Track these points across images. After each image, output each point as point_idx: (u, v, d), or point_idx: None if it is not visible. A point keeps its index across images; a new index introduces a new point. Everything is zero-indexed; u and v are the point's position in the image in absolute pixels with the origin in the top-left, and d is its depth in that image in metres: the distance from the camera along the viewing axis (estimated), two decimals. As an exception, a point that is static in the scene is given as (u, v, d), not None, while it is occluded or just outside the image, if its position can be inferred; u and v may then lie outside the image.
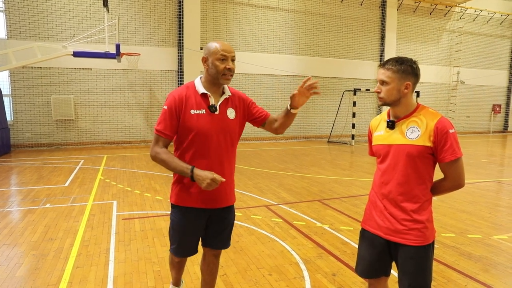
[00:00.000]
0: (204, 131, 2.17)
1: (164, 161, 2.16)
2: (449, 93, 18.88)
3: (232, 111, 2.27)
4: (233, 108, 2.29)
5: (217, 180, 2.01)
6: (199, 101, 2.19)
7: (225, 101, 2.26)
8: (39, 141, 11.86)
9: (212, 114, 2.19)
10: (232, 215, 2.46)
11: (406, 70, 1.92)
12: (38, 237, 4.18)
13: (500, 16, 19.29)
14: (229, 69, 2.16)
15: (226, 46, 2.16)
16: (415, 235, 1.92)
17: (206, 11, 13.52)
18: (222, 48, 2.15)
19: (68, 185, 6.74)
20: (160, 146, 2.19)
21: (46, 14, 11.55)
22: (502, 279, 3.29)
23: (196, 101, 2.18)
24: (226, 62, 2.15)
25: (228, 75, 2.17)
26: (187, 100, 2.18)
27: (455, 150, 1.86)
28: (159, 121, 2.20)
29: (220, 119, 2.21)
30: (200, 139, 2.17)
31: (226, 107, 2.25)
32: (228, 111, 2.25)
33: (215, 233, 2.39)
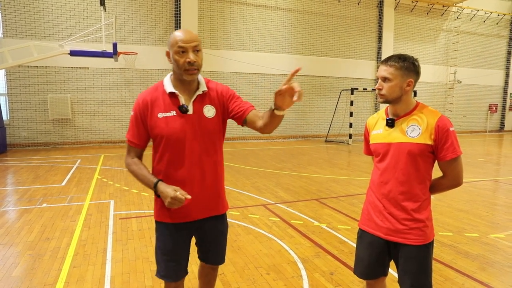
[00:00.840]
0: (175, 135, 1.89)
1: (133, 173, 1.94)
2: (446, 93, 18.94)
3: (210, 108, 1.96)
4: (211, 105, 1.97)
5: (179, 199, 1.73)
6: (167, 102, 1.90)
7: (200, 98, 1.94)
8: (35, 141, 11.80)
9: (184, 115, 1.89)
10: (224, 226, 2.17)
11: (409, 67, 1.91)
12: (34, 237, 4.16)
13: (497, 16, 19.36)
14: (190, 63, 1.81)
15: (186, 35, 1.81)
16: (416, 234, 1.91)
17: (204, 10, 13.49)
18: (180, 39, 1.80)
19: (65, 185, 6.71)
20: (132, 156, 1.98)
21: (43, 12, 11.49)
22: (499, 278, 3.29)
23: (164, 103, 1.90)
24: (186, 54, 1.81)
25: (191, 69, 1.83)
26: (153, 103, 1.91)
27: (455, 148, 1.85)
28: (128, 128, 1.99)
29: (194, 119, 1.92)
30: (172, 145, 1.90)
31: (202, 105, 1.94)
32: (205, 109, 1.95)
33: (208, 247, 2.15)
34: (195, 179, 1.95)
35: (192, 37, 1.82)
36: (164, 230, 2.02)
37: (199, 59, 1.85)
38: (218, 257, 2.20)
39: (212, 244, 2.14)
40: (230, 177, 7.53)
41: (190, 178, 1.94)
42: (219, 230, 2.14)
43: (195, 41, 1.82)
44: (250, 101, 2.15)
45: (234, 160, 9.66)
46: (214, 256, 2.19)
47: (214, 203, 2.07)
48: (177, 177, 1.93)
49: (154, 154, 1.99)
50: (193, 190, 1.93)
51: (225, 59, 13.87)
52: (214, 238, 2.14)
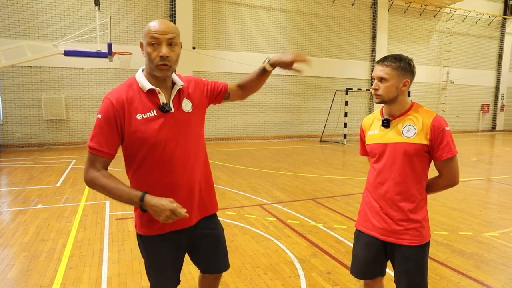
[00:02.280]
0: (160, 138, 1.67)
1: (104, 188, 1.62)
2: (439, 93, 19.10)
3: (187, 102, 1.78)
4: (188, 99, 1.79)
5: (179, 213, 1.55)
6: (145, 101, 1.67)
7: (178, 94, 1.77)
8: (29, 141, 11.70)
9: (165, 114, 1.69)
10: (218, 225, 2.00)
11: (405, 67, 1.91)
12: (29, 238, 4.13)
13: (488, 17, 19.58)
14: (162, 57, 1.61)
15: (161, 26, 1.61)
16: (412, 235, 1.91)
17: (199, 10, 13.48)
18: (154, 29, 1.61)
19: (60, 185, 6.66)
20: (98, 169, 1.65)
21: (36, 12, 11.39)
22: (493, 276, 3.34)
23: (142, 102, 1.67)
24: (159, 47, 1.61)
25: (162, 65, 1.63)
26: (130, 103, 1.65)
27: (451, 148, 1.86)
28: (92, 135, 1.66)
29: (177, 117, 1.73)
30: (156, 150, 1.67)
31: (181, 101, 1.76)
32: (183, 104, 1.76)
33: (208, 254, 1.95)
34: (187, 184, 1.77)
35: (169, 28, 1.62)
36: (154, 244, 1.80)
37: (174, 54, 1.65)
38: (221, 264, 2.01)
39: (213, 249, 1.96)
40: (226, 177, 7.53)
41: (181, 183, 1.75)
42: (216, 230, 1.98)
43: (171, 33, 1.63)
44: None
45: (230, 160, 9.66)
46: (220, 263, 2.00)
47: (207, 203, 1.92)
48: (165, 185, 1.72)
49: (130, 163, 1.74)
50: (185, 195, 1.77)
51: (220, 59, 13.87)
52: (214, 242, 1.96)
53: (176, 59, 1.68)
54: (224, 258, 2.03)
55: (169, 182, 1.73)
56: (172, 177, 1.73)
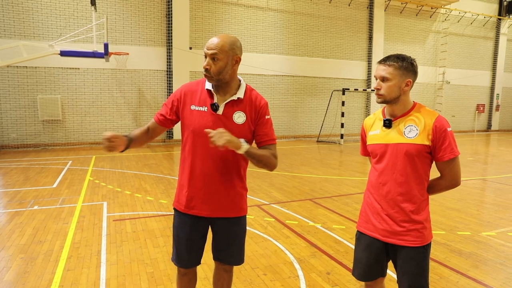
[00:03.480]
0: (201, 129, 1.96)
1: None
2: (435, 93, 19.20)
3: (241, 114, 2.01)
4: (242, 112, 2.01)
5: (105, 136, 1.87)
6: (203, 97, 2.02)
7: (232, 103, 2.01)
8: (25, 142, 11.62)
9: (213, 113, 1.98)
10: (239, 228, 2.17)
11: (408, 67, 1.89)
12: (26, 240, 4.10)
13: (483, 18, 19.70)
14: (204, 68, 1.95)
15: (212, 41, 1.94)
16: (414, 236, 1.90)
17: (195, 11, 13.45)
18: (207, 43, 1.95)
19: (56, 186, 6.62)
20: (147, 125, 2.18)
21: (32, 12, 11.32)
22: (492, 275, 3.35)
23: (200, 97, 2.03)
24: (205, 60, 1.96)
25: (205, 74, 1.96)
26: (192, 94, 2.05)
27: (453, 149, 1.85)
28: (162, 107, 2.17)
29: (222, 120, 1.98)
30: (195, 137, 2.00)
31: (234, 110, 2.00)
32: (235, 115, 2.00)
33: (221, 246, 2.17)
34: (211, 174, 2.01)
35: (214, 44, 1.92)
36: (176, 217, 2.16)
37: (214, 67, 1.92)
38: (235, 259, 2.21)
39: (227, 245, 2.16)
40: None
41: (205, 172, 2.01)
42: (234, 231, 2.15)
43: (214, 49, 1.91)
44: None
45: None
46: (230, 257, 2.20)
47: (226, 204, 2.08)
48: (194, 168, 2.03)
49: (182, 141, 2.13)
50: (205, 185, 2.03)
51: (217, 59, 13.83)
52: (229, 239, 2.16)
53: (217, 71, 1.93)
54: (235, 254, 2.20)
55: (196, 167, 2.03)
56: (198, 164, 2.02)
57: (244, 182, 2.17)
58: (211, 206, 2.06)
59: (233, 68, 1.98)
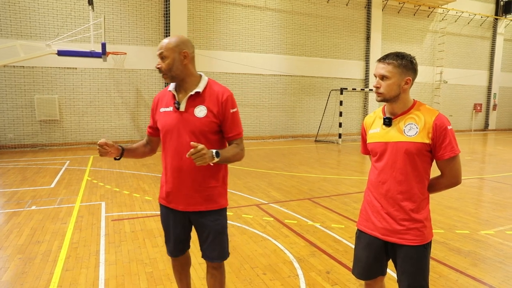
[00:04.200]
0: (168, 128, 2.12)
1: None
2: (433, 92, 19.25)
3: (202, 108, 2.07)
4: (204, 106, 2.08)
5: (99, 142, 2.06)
6: (169, 98, 2.17)
7: (192, 98, 2.10)
8: (22, 142, 11.57)
9: (177, 111, 2.10)
10: (216, 223, 2.19)
11: (407, 65, 1.88)
12: (24, 240, 4.07)
13: (480, 18, 19.77)
14: (156, 68, 2.10)
15: (160, 44, 2.08)
16: (414, 235, 1.89)
17: (193, 10, 13.43)
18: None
19: (54, 187, 6.59)
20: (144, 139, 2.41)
21: (29, 11, 11.26)
22: (491, 273, 3.36)
23: (167, 100, 2.18)
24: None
25: (161, 74, 2.11)
26: (160, 100, 2.22)
27: (453, 147, 1.84)
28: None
29: (184, 116, 2.09)
30: (166, 136, 2.15)
31: (194, 104, 2.09)
32: (196, 109, 2.08)
33: (201, 241, 2.25)
34: (180, 169, 2.11)
35: (161, 44, 2.07)
36: (161, 210, 2.33)
37: (164, 65, 2.06)
38: (212, 252, 2.22)
39: (203, 239, 2.23)
40: (222, 177, 7.50)
41: (176, 167, 2.12)
42: (208, 226, 2.18)
43: (160, 49, 2.06)
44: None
45: (225, 161, 9.62)
46: (209, 252, 2.23)
47: (198, 198, 2.15)
48: (167, 164, 2.18)
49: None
50: (176, 180, 2.14)
51: (214, 59, 13.83)
52: (205, 234, 2.21)
53: (167, 67, 2.06)
54: (217, 249, 2.22)
55: (168, 163, 2.17)
56: (169, 160, 2.15)
57: (218, 174, 2.19)
58: (184, 200, 2.16)
59: (184, 63, 2.07)
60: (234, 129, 2.14)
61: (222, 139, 2.19)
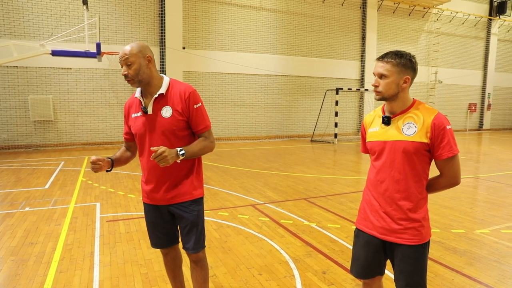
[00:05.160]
0: (140, 131, 2.26)
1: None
2: (428, 92, 19.34)
3: (167, 109, 2.19)
4: (169, 106, 2.19)
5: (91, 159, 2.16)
6: (137, 104, 2.28)
7: (157, 100, 2.20)
8: (16, 143, 11.47)
9: (145, 114, 2.22)
10: (190, 214, 2.29)
11: (406, 64, 1.87)
12: (17, 242, 4.03)
13: (474, 18, 19.90)
14: (123, 75, 2.15)
15: (121, 52, 2.14)
16: (412, 234, 1.88)
17: (189, 10, 13.39)
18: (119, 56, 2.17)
19: (48, 188, 6.53)
20: (123, 146, 2.52)
21: (22, 11, 11.17)
22: (486, 272, 3.37)
23: (135, 105, 2.30)
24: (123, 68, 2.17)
25: (128, 80, 2.16)
26: (130, 106, 2.33)
27: (452, 147, 1.82)
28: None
29: (152, 118, 2.21)
30: (140, 140, 2.29)
31: (160, 106, 2.20)
32: (163, 110, 2.19)
33: (181, 232, 2.39)
34: (156, 169, 2.24)
35: (124, 52, 2.13)
36: (144, 208, 2.46)
37: (131, 71, 2.12)
38: (188, 242, 2.34)
39: (182, 230, 2.37)
40: (218, 177, 7.48)
41: (152, 167, 2.26)
42: (185, 216, 2.31)
43: (125, 55, 2.12)
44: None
45: (221, 161, 9.61)
46: (185, 241, 2.36)
47: (175, 191, 2.29)
48: (142, 164, 2.34)
49: None
50: (152, 177, 2.29)
51: (210, 59, 13.80)
52: (183, 224, 2.35)
53: (134, 73, 2.13)
54: (194, 240, 2.33)
55: (143, 164, 2.33)
56: (145, 161, 2.30)
57: (192, 168, 2.32)
58: (163, 196, 2.29)
59: (149, 67, 2.17)
60: (201, 123, 2.24)
61: (192, 133, 2.30)
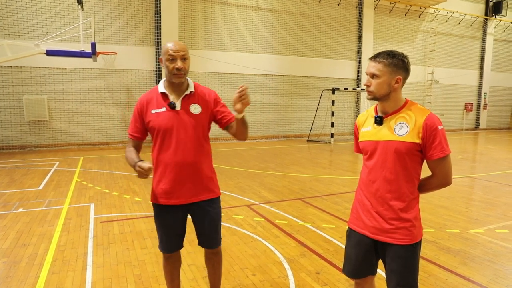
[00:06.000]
0: (164, 126, 2.26)
1: (125, 158, 2.33)
2: (424, 92, 19.38)
3: (196, 106, 2.32)
4: (198, 104, 2.33)
5: (143, 167, 2.04)
6: (159, 100, 2.30)
7: (187, 97, 2.32)
8: (10, 143, 11.39)
9: (172, 110, 2.28)
10: (214, 211, 2.42)
11: (398, 64, 1.87)
12: (9, 243, 3.99)
13: (470, 18, 19.96)
14: (178, 69, 2.20)
15: (175, 46, 2.21)
16: (403, 234, 1.88)
17: (184, 10, 13.35)
18: (171, 48, 2.21)
19: (42, 188, 6.49)
20: (129, 146, 2.38)
21: (16, 10, 11.09)
22: (480, 272, 3.37)
23: (157, 101, 2.31)
24: (174, 62, 2.21)
25: (178, 74, 2.22)
26: (149, 102, 2.32)
27: (443, 147, 1.82)
28: (129, 125, 2.43)
29: (181, 114, 2.28)
30: (164, 135, 2.28)
31: (189, 103, 2.31)
32: (191, 107, 2.31)
33: (199, 230, 2.44)
34: (182, 164, 2.27)
35: (182, 47, 2.22)
36: (157, 210, 2.41)
37: (186, 66, 2.23)
38: (210, 242, 2.45)
39: (203, 228, 2.42)
40: (214, 178, 7.45)
41: (178, 163, 2.27)
42: (208, 214, 2.38)
43: (183, 51, 2.22)
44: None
45: (217, 161, 9.58)
46: (205, 239, 2.45)
47: (199, 189, 2.34)
48: (166, 160, 2.29)
49: (152, 143, 2.37)
50: (178, 175, 2.28)
51: (206, 59, 13.77)
52: (204, 222, 2.40)
53: (187, 69, 2.26)
54: (212, 236, 2.45)
55: (167, 159, 2.29)
56: (171, 156, 2.28)
57: (212, 166, 2.47)
58: (186, 193, 2.31)
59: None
60: (229, 113, 2.41)
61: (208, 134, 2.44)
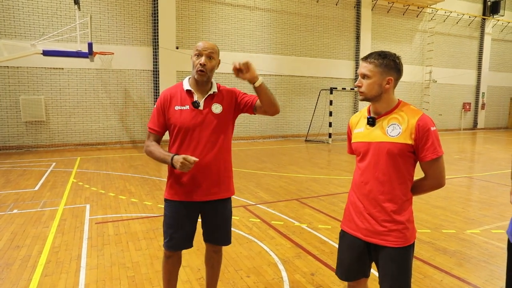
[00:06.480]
0: (186, 124, 2.27)
1: (151, 152, 2.32)
2: (422, 92, 19.39)
3: (217, 106, 2.35)
4: (219, 103, 2.36)
5: (189, 159, 2.08)
6: (184, 97, 2.32)
7: (210, 97, 2.35)
8: (7, 144, 11.35)
9: (195, 109, 2.29)
10: (227, 209, 2.46)
11: (389, 64, 1.85)
12: (3, 245, 3.96)
13: (468, 18, 19.97)
14: (201, 64, 2.23)
15: (204, 43, 2.27)
16: (396, 236, 1.86)
17: (182, 10, 13.32)
18: (199, 45, 2.27)
19: (38, 189, 6.46)
20: (150, 140, 2.37)
21: (13, 10, 11.05)
22: (475, 273, 3.35)
23: (181, 98, 2.32)
24: (200, 58, 2.25)
25: (201, 70, 2.24)
26: (172, 97, 2.33)
27: (436, 149, 1.80)
28: (150, 118, 2.40)
29: (204, 114, 2.30)
30: (186, 133, 2.28)
31: (211, 103, 2.34)
32: (213, 107, 2.34)
33: (211, 227, 2.45)
34: (199, 162, 2.23)
35: (211, 46, 2.29)
36: (170, 206, 2.38)
37: (210, 64, 2.27)
38: (223, 239, 2.49)
39: (216, 226, 2.43)
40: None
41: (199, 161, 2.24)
42: (223, 212, 2.42)
43: (211, 49, 2.27)
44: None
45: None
46: (219, 237, 2.48)
47: (217, 187, 2.36)
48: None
49: (170, 140, 2.37)
50: (197, 172, 2.28)
51: (204, 59, 13.72)
52: (218, 220, 2.42)
53: (211, 68, 2.29)
54: (224, 236, 2.48)
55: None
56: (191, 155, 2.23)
57: (230, 165, 2.46)
58: (205, 191, 2.32)
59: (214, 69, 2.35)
60: (251, 95, 2.45)
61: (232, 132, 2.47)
